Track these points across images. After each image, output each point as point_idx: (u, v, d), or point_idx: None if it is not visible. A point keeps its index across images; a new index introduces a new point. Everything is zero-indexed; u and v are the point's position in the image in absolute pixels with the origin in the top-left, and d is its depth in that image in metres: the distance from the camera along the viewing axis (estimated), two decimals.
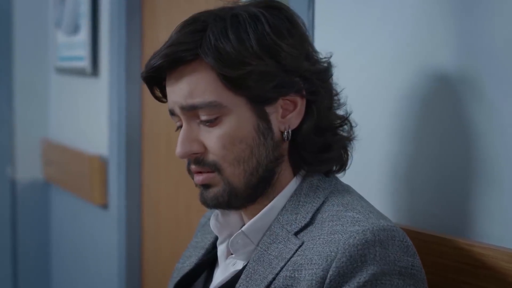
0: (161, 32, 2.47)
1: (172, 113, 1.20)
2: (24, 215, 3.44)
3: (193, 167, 1.19)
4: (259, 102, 1.16)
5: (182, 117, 1.18)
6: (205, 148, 1.17)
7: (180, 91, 1.17)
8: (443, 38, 1.27)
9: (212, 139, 1.16)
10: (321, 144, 1.20)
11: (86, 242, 3.01)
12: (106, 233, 2.76)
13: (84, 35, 2.89)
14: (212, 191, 1.18)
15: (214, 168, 1.17)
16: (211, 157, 1.17)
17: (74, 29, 2.99)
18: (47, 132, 3.45)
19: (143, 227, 2.62)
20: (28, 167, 3.44)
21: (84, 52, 2.88)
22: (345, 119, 1.23)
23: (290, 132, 1.18)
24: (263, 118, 1.17)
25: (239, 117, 1.16)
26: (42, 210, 3.44)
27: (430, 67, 1.30)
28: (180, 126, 1.20)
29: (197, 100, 1.15)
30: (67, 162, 3.14)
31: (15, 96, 3.42)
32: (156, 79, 1.21)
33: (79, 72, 2.99)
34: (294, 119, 1.18)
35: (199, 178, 1.19)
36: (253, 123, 1.16)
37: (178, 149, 1.18)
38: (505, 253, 1.15)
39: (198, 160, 1.18)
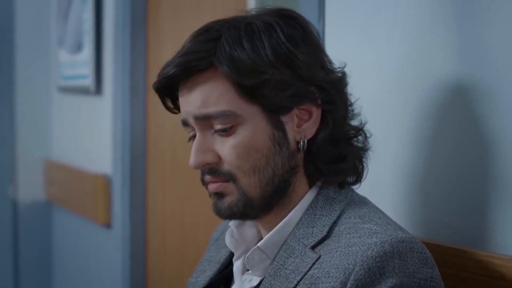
0: (165, 49, 2.47)
1: (185, 123, 1.18)
2: (26, 236, 3.41)
3: (207, 177, 1.17)
4: (274, 112, 1.15)
5: (195, 127, 1.16)
6: (219, 158, 1.15)
7: (193, 100, 1.15)
8: (454, 44, 1.26)
9: (226, 148, 1.14)
10: (336, 154, 1.18)
11: (89, 262, 2.99)
12: (110, 253, 2.74)
13: (87, 53, 2.88)
14: (226, 201, 1.16)
15: (229, 177, 1.15)
16: (226, 166, 1.15)
17: (78, 47, 2.98)
18: (49, 152, 3.44)
19: (147, 247, 2.60)
20: (30, 187, 3.42)
21: (87, 70, 2.87)
22: (359, 130, 1.21)
23: (306, 141, 1.16)
24: (279, 127, 1.15)
25: (254, 127, 1.14)
26: (44, 230, 3.42)
27: (441, 74, 1.29)
28: (193, 137, 1.19)
29: (211, 110, 1.14)
30: (70, 181, 3.12)
31: (17, 116, 3.41)
32: (168, 89, 1.20)
33: (83, 91, 2.98)
34: (310, 128, 1.17)
35: (212, 186, 1.17)
36: (269, 132, 1.15)
37: (192, 160, 1.16)
38: None
39: (212, 170, 1.16)
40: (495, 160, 1.20)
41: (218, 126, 1.14)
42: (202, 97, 1.14)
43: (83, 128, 3.08)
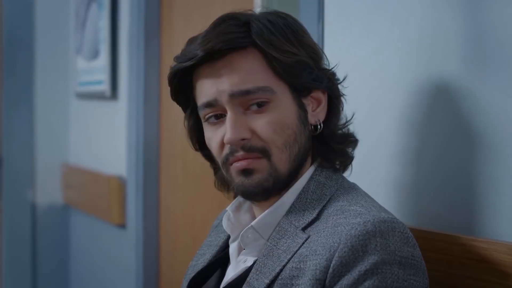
0: None
1: (210, 104, 1.21)
2: (44, 238, 3.46)
3: (240, 153, 1.20)
4: (298, 92, 1.22)
5: (227, 105, 1.20)
6: (252, 134, 1.20)
7: (229, 78, 1.20)
8: (452, 43, 1.30)
9: (262, 124, 1.19)
10: (344, 137, 1.27)
11: (104, 261, 3.03)
12: (124, 252, 2.78)
13: (104, 59, 2.94)
14: (257, 177, 1.21)
15: (264, 153, 1.20)
16: (260, 142, 1.20)
17: (94, 54, 3.05)
18: (67, 157, 3.49)
19: (160, 246, 2.64)
20: (48, 191, 3.46)
21: (104, 76, 2.94)
22: (351, 118, 1.29)
23: (322, 124, 1.24)
24: (302, 108, 1.23)
25: (286, 104, 1.21)
26: (61, 232, 3.47)
27: (434, 73, 1.33)
28: (211, 117, 1.22)
29: (250, 86, 1.19)
30: (86, 184, 3.17)
31: (36, 122, 3.46)
32: (184, 76, 1.24)
33: (99, 96, 3.04)
34: (322, 113, 1.25)
35: (243, 163, 1.20)
36: (296, 111, 1.22)
37: (230, 135, 1.19)
38: (506, 246, 1.17)
39: (246, 147, 1.20)
40: (478, 152, 1.24)
41: (255, 101, 1.19)
42: (240, 74, 1.19)
43: (100, 132, 3.12)
